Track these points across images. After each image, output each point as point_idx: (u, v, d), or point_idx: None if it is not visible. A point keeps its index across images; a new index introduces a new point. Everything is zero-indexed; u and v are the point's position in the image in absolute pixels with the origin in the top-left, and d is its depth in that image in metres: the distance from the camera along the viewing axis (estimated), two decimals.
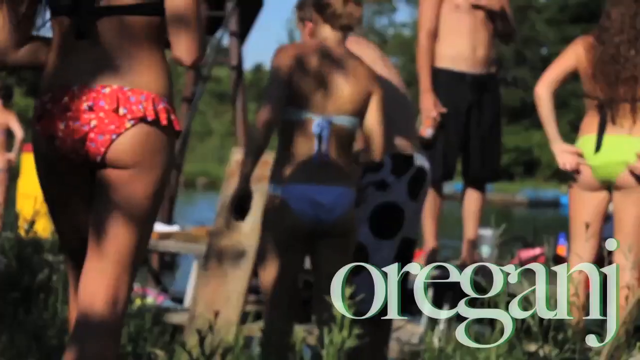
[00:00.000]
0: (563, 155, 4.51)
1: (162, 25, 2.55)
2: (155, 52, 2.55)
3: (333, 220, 3.89)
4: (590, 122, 4.52)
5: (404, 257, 4.31)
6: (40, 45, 2.67)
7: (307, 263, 4.08)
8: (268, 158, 4.17)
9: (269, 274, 3.93)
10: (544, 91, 4.52)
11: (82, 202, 2.59)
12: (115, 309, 2.50)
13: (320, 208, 3.86)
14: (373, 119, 3.98)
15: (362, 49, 4.37)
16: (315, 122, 3.89)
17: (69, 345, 2.49)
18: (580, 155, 4.49)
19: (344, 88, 3.94)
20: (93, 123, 2.47)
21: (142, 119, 2.49)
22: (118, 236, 2.50)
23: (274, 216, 3.91)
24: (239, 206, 3.92)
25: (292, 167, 3.90)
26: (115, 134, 2.47)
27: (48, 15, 2.62)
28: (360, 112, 3.97)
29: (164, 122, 2.51)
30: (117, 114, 2.47)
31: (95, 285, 2.50)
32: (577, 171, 4.49)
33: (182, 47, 2.52)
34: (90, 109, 2.48)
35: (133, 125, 2.48)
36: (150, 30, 2.54)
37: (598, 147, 4.45)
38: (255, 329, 5.72)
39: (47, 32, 2.68)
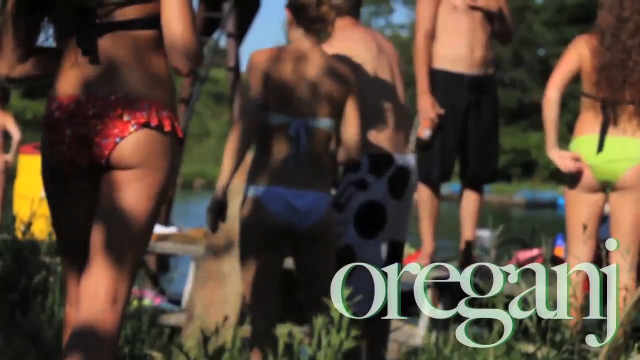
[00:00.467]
0: (562, 160, 4.50)
1: (162, 37, 2.59)
2: (158, 62, 2.62)
3: (309, 225, 3.89)
4: (586, 123, 4.50)
5: (394, 261, 4.27)
6: (44, 56, 2.74)
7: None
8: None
9: (249, 274, 3.93)
10: (555, 94, 4.50)
11: (85, 206, 2.64)
12: (114, 310, 2.51)
13: (295, 212, 3.86)
14: (350, 120, 3.98)
15: (357, 47, 4.34)
16: (291, 125, 3.88)
17: (67, 346, 2.50)
18: (577, 159, 4.48)
19: (320, 91, 3.92)
20: (98, 128, 2.55)
21: (146, 124, 2.55)
22: (119, 237, 2.53)
23: (250, 217, 3.91)
24: (217, 216, 3.91)
25: (269, 170, 3.89)
26: (119, 137, 2.54)
27: (51, 31, 2.69)
28: (337, 114, 3.96)
29: (167, 128, 2.57)
30: (122, 120, 2.54)
31: (95, 286, 2.52)
32: (579, 174, 4.48)
33: (179, 60, 2.57)
34: (96, 115, 2.55)
35: (136, 130, 2.54)
36: (152, 41, 2.61)
37: (600, 148, 4.44)
38: None
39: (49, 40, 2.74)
